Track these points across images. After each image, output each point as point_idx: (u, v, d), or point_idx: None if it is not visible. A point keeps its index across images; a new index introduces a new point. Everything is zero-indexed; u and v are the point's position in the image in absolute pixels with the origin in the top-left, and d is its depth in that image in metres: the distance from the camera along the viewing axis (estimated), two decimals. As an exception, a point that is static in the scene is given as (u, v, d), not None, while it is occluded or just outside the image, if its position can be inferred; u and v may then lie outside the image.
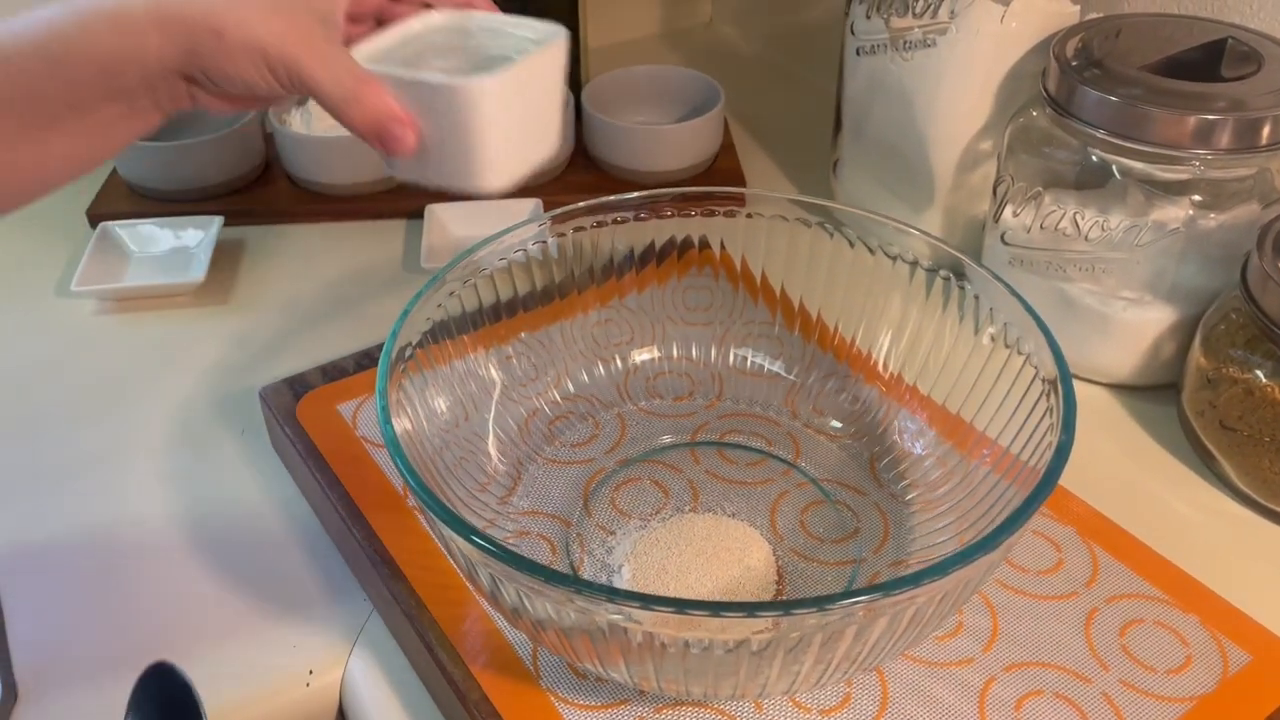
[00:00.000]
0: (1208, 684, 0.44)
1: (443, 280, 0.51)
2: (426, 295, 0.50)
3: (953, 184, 0.70)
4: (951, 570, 0.34)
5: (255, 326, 0.71)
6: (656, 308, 0.62)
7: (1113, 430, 0.62)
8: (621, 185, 0.82)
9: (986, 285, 0.51)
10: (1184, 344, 0.62)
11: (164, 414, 0.64)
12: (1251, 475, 0.56)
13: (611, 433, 0.58)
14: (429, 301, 0.51)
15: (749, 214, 0.58)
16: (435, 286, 0.51)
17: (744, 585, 0.47)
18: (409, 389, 0.49)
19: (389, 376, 0.45)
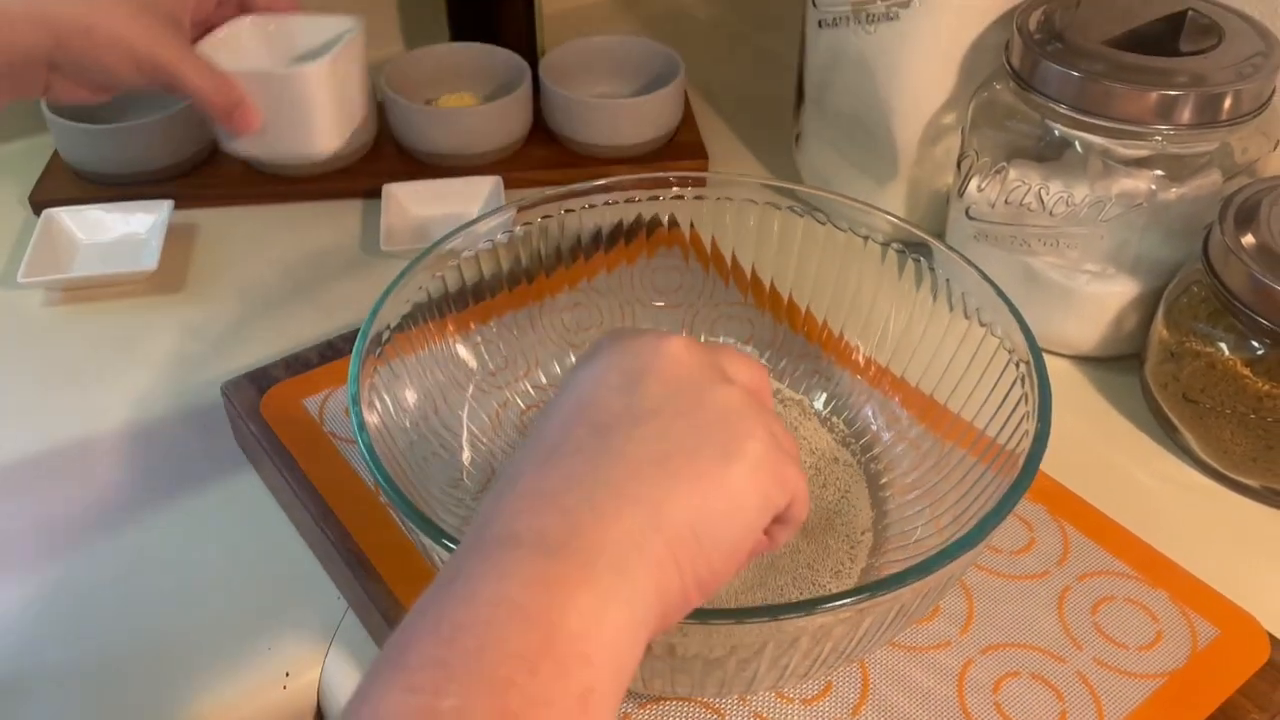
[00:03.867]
0: (1178, 659, 0.45)
1: (409, 275, 0.50)
2: (395, 292, 0.49)
3: (916, 157, 0.70)
4: (935, 569, 0.35)
5: (212, 315, 0.69)
6: (626, 290, 0.61)
7: (1077, 402, 0.63)
8: (581, 159, 0.81)
9: (956, 268, 0.51)
10: (1147, 316, 0.62)
11: (122, 410, 0.62)
12: (1213, 446, 0.57)
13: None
14: (396, 298, 0.50)
15: (718, 198, 0.57)
16: (402, 283, 0.49)
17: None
18: (378, 384, 0.48)
19: (359, 380, 0.44)
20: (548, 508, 0.29)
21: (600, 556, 0.28)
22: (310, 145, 0.55)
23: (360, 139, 0.80)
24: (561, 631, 0.26)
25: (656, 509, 0.29)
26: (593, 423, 0.31)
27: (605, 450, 0.30)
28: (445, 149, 0.79)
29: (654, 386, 0.32)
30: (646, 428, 0.31)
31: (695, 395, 0.32)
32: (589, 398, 0.32)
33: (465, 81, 0.85)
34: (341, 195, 0.79)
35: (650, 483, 0.30)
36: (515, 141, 0.81)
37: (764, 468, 0.31)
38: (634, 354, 0.33)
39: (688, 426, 0.31)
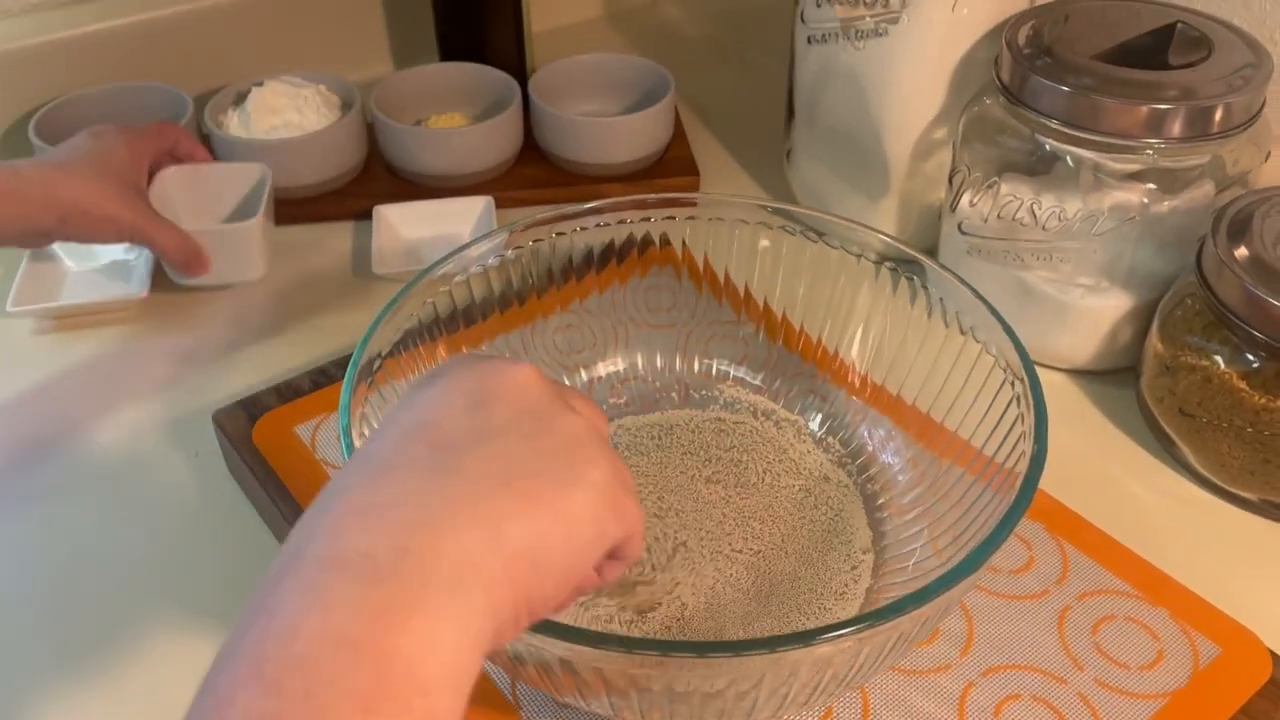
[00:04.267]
0: (1180, 678, 0.45)
1: (400, 304, 0.50)
2: (385, 320, 0.49)
3: (908, 172, 0.70)
4: (933, 597, 0.34)
5: (203, 341, 0.69)
6: (618, 310, 0.61)
7: (1073, 416, 0.63)
8: (572, 177, 0.81)
9: (949, 287, 0.51)
10: (1141, 329, 0.62)
11: (113, 439, 0.62)
12: (1210, 459, 0.57)
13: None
14: (388, 325, 0.49)
15: (710, 218, 0.57)
16: (392, 311, 0.49)
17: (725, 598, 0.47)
18: (369, 413, 0.48)
19: (350, 411, 0.44)
20: (377, 524, 0.27)
21: (433, 576, 0.27)
22: (245, 274, 0.70)
23: (350, 161, 0.80)
24: (395, 662, 0.25)
25: (495, 528, 0.28)
26: (433, 441, 0.30)
27: (444, 467, 0.29)
28: (436, 170, 0.79)
29: (500, 409, 0.31)
30: (490, 447, 0.30)
31: (541, 420, 0.32)
32: (430, 417, 0.31)
33: (455, 101, 0.85)
34: (332, 218, 0.79)
35: (489, 501, 0.29)
36: (506, 161, 0.81)
37: (604, 498, 0.31)
38: (481, 375, 0.32)
39: (532, 449, 0.31)
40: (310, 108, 0.78)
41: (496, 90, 0.83)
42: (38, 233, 0.61)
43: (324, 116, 0.79)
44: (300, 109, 0.78)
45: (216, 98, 0.80)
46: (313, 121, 0.78)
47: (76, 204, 0.60)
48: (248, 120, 0.78)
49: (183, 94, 0.81)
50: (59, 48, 0.82)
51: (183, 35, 0.86)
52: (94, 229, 0.62)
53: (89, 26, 0.83)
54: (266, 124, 0.78)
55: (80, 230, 0.61)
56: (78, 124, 0.79)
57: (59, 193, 0.60)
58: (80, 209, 0.60)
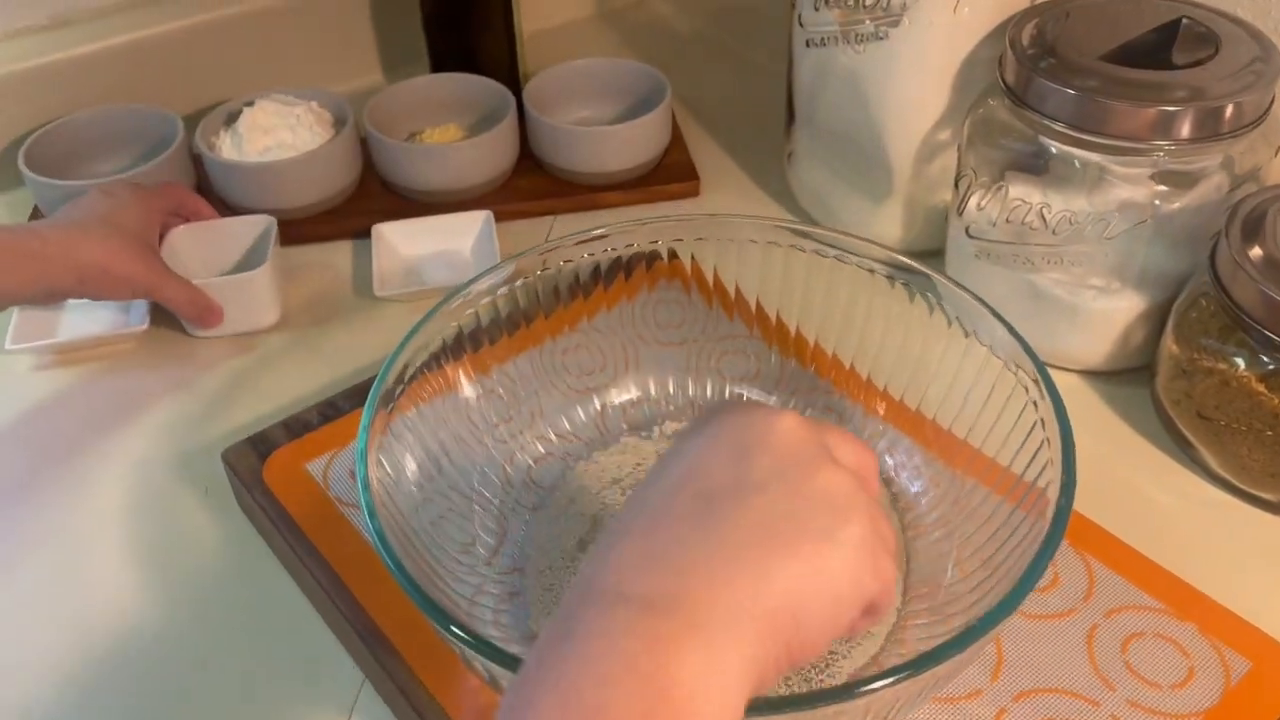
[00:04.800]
0: (1212, 695, 0.44)
1: (409, 343, 0.49)
2: (395, 363, 0.48)
3: (911, 174, 0.69)
4: (971, 642, 0.34)
5: (206, 373, 0.68)
6: (627, 328, 0.60)
7: (1087, 418, 0.62)
8: (570, 187, 0.80)
9: (965, 306, 0.50)
10: (1154, 329, 0.62)
11: (120, 477, 0.61)
12: (1230, 462, 0.56)
13: (596, 476, 0.56)
14: (396, 367, 0.49)
15: (720, 239, 0.56)
16: (401, 353, 0.49)
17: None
18: (384, 443, 0.47)
19: (365, 458, 0.43)
20: (656, 568, 0.30)
21: (710, 619, 0.29)
22: (257, 321, 0.70)
23: (346, 180, 0.79)
24: (675, 690, 0.27)
25: (762, 578, 0.30)
26: (700, 490, 0.32)
27: (713, 516, 0.31)
28: (433, 185, 0.78)
29: (764, 460, 0.33)
30: (755, 499, 0.32)
31: (804, 473, 0.32)
32: (698, 467, 0.33)
33: (449, 113, 0.84)
34: (330, 237, 0.78)
35: (757, 552, 0.30)
36: (503, 173, 0.80)
37: (862, 554, 0.32)
38: (745, 427, 0.34)
39: (794, 504, 0.32)
40: (303, 126, 0.77)
41: (490, 100, 0.82)
42: (58, 293, 0.63)
43: (316, 135, 0.77)
44: (293, 128, 0.77)
45: (207, 119, 0.79)
46: (306, 140, 0.77)
47: (96, 264, 0.62)
48: (240, 142, 0.77)
49: (173, 116, 0.79)
50: (41, 73, 0.81)
51: (168, 54, 0.85)
52: (112, 288, 0.63)
53: (71, 51, 0.81)
54: (259, 145, 0.76)
55: (99, 289, 0.63)
56: (67, 151, 0.78)
57: (79, 254, 0.61)
58: (99, 269, 0.62)
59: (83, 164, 0.79)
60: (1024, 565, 0.40)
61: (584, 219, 0.79)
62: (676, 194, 0.81)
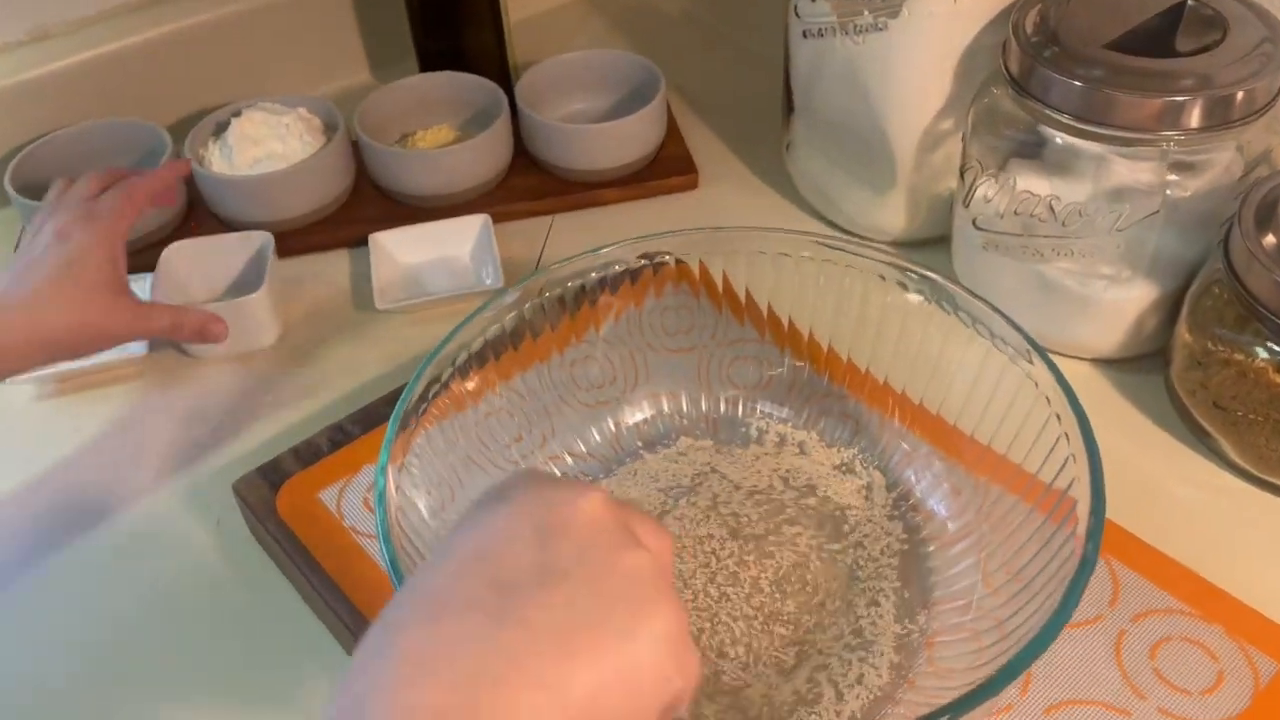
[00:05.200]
0: (1242, 700, 0.45)
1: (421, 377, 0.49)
2: (411, 398, 0.48)
3: (914, 164, 0.68)
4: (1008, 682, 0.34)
5: (210, 394, 0.67)
6: (635, 336, 0.59)
7: (1101, 407, 0.62)
8: (566, 185, 0.79)
9: (980, 312, 0.49)
10: (1167, 316, 0.61)
11: (128, 508, 0.60)
12: (1248, 451, 0.56)
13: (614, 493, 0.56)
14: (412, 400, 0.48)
15: (726, 252, 0.55)
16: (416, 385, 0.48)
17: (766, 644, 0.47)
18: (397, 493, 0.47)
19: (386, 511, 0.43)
20: (442, 678, 0.27)
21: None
22: (258, 341, 0.69)
23: (339, 188, 0.77)
24: None
25: (559, 686, 0.28)
26: (494, 578, 0.30)
27: (506, 614, 0.29)
28: (427, 190, 0.77)
29: (565, 546, 0.31)
30: (553, 593, 0.29)
31: (606, 559, 0.31)
32: (493, 548, 0.31)
33: (440, 113, 0.82)
34: (326, 247, 0.77)
35: (552, 660, 0.28)
36: (498, 174, 0.79)
37: (666, 648, 0.30)
38: (548, 505, 0.31)
39: (595, 595, 0.30)
40: (292, 135, 0.76)
41: (482, 98, 0.81)
42: (29, 370, 0.58)
43: (306, 144, 0.76)
44: (282, 137, 0.76)
45: (195, 131, 0.77)
46: (296, 150, 0.76)
47: (67, 332, 0.57)
48: (230, 154, 0.75)
49: (159, 129, 0.78)
50: (22, 90, 0.79)
51: (151, 63, 0.83)
52: (91, 347, 0.59)
53: (52, 65, 0.80)
54: (249, 156, 0.75)
55: (73, 351, 0.58)
56: (53, 169, 0.76)
57: (45, 328, 0.56)
58: (71, 336, 0.57)
59: (70, 182, 0.77)
60: (1054, 582, 0.40)
61: (582, 217, 0.78)
62: (675, 188, 0.79)
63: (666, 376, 0.59)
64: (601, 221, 0.78)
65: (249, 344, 0.69)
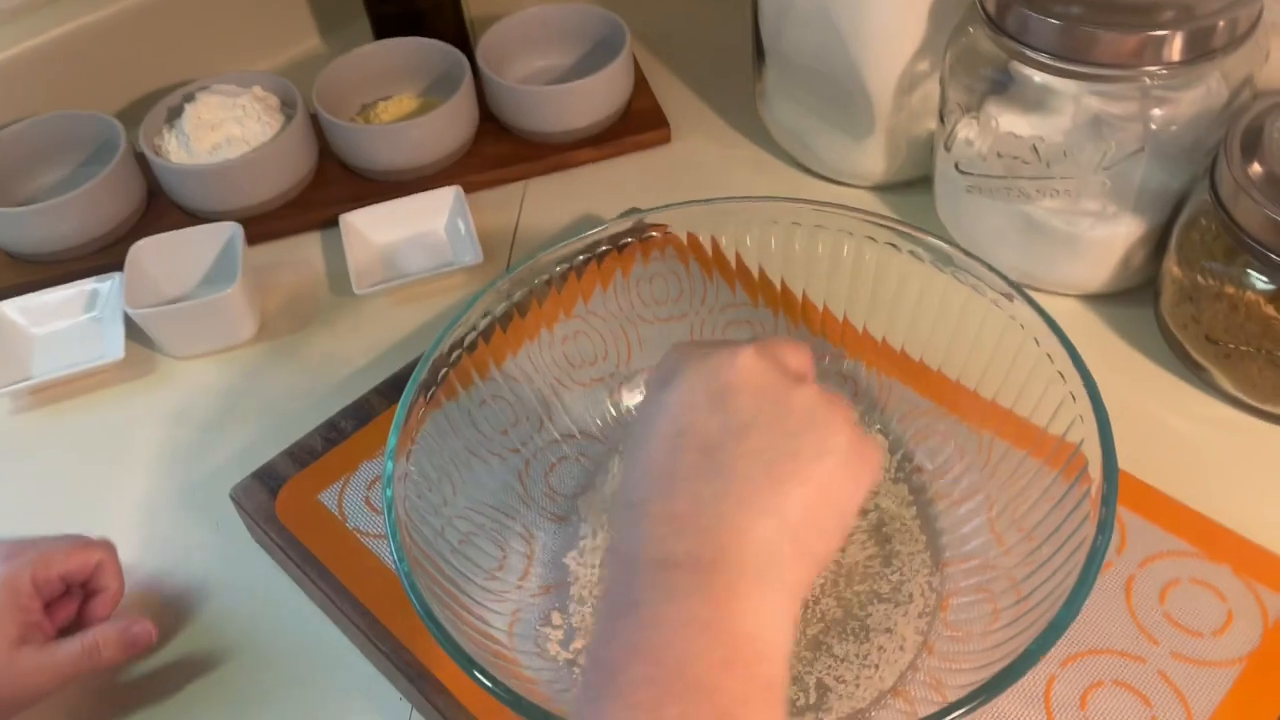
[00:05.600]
0: (1253, 639, 0.45)
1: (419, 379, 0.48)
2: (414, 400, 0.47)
3: (892, 107, 0.67)
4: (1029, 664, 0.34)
5: (194, 393, 0.66)
6: (624, 307, 0.58)
7: (1092, 343, 0.62)
8: (536, 149, 0.77)
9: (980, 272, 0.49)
10: (1155, 249, 0.61)
11: (122, 519, 0.59)
12: (1242, 382, 0.57)
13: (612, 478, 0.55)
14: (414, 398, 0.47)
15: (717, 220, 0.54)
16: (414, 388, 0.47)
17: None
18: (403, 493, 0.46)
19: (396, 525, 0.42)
20: (688, 530, 0.33)
21: (749, 565, 0.33)
22: (238, 336, 0.67)
23: (303, 169, 0.75)
24: (741, 636, 0.32)
25: (779, 514, 0.34)
26: (697, 446, 0.35)
27: (717, 470, 0.34)
28: (395, 165, 0.75)
29: (742, 401, 0.35)
30: (748, 443, 0.35)
31: (779, 402, 0.35)
32: (685, 422, 0.36)
33: (399, 81, 0.80)
34: (295, 230, 0.75)
35: (767, 492, 0.34)
36: (465, 143, 0.77)
37: (851, 454, 0.35)
38: (711, 372, 0.36)
39: (782, 433, 0.35)
40: (250, 117, 0.74)
41: (441, 62, 0.79)
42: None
43: (266, 125, 0.74)
44: (240, 120, 0.73)
45: (149, 119, 0.75)
46: (256, 133, 0.73)
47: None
48: (187, 142, 0.73)
49: (111, 120, 0.75)
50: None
51: (92, 48, 0.79)
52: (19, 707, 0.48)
53: (-8, 58, 0.76)
54: (208, 143, 0.73)
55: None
56: (3, 170, 0.74)
57: None
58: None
59: (21, 182, 0.75)
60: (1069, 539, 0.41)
61: (556, 181, 0.77)
62: (648, 143, 0.78)
63: (660, 347, 0.58)
64: (576, 184, 0.76)
65: (228, 339, 0.67)
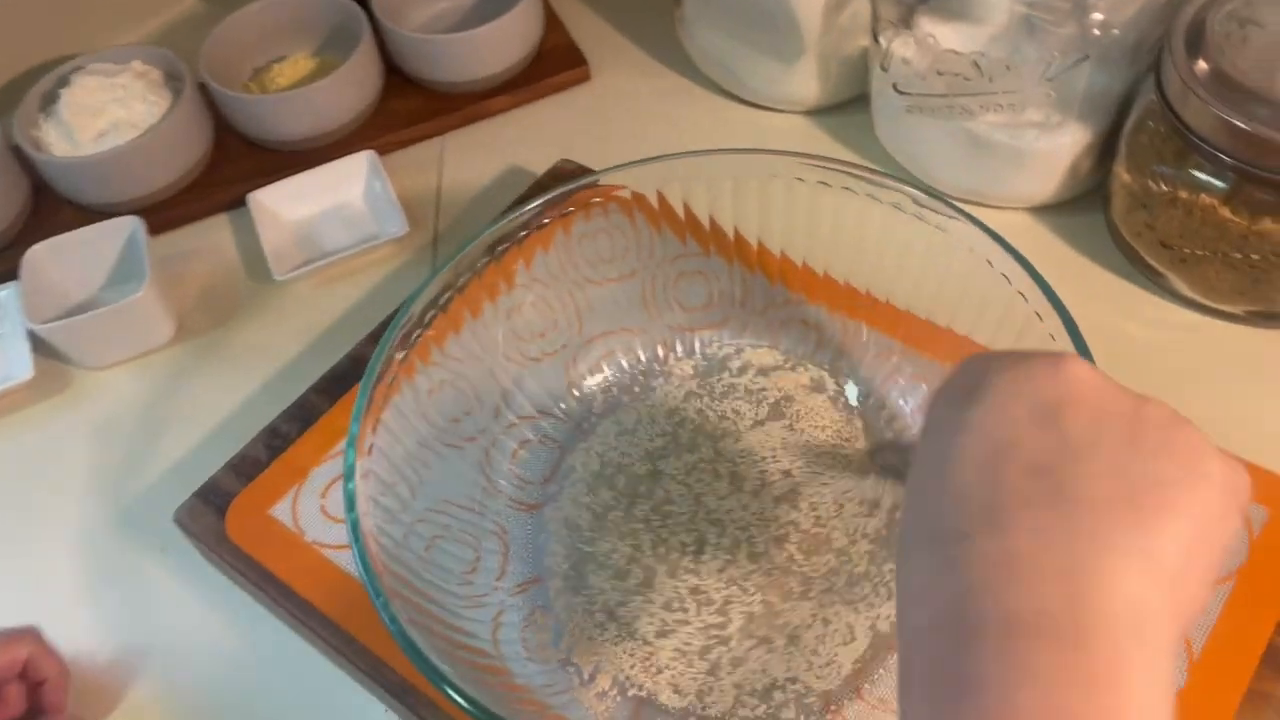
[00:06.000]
0: (1239, 553, 0.45)
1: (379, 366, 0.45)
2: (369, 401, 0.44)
3: (820, 27, 0.64)
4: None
5: (116, 407, 0.61)
6: (570, 269, 0.55)
7: (1045, 256, 0.59)
8: (449, 101, 0.73)
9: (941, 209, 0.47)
10: (1103, 155, 0.60)
11: (54, 553, 0.55)
12: (1199, 284, 0.56)
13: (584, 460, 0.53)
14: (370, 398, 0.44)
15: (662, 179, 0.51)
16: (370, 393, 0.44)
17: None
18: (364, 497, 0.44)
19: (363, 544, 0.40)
20: (1031, 577, 0.26)
21: (1121, 628, 0.25)
22: (156, 339, 0.63)
23: (201, 148, 0.70)
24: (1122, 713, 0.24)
25: (1147, 558, 0.26)
26: (1025, 465, 0.27)
27: (1060, 497, 0.27)
28: (300, 133, 0.70)
29: (1079, 415, 0.28)
30: (1093, 464, 0.27)
31: (1127, 420, 0.28)
32: (1004, 440, 0.28)
33: (292, 40, 0.74)
34: (200, 215, 0.70)
35: (1129, 528, 0.26)
36: (372, 101, 0.72)
37: (1223, 478, 0.28)
38: (1033, 383, 0.29)
39: (1137, 454, 0.27)
40: (134, 97, 0.68)
41: (335, 15, 0.73)
42: None
43: (152, 104, 0.68)
44: (124, 101, 0.67)
45: (21, 110, 0.68)
46: (142, 114, 0.68)
47: None
48: (68, 131, 0.67)
49: (-22, 114, 0.69)
50: None
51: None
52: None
53: None
54: (92, 130, 0.67)
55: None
56: None
57: None
58: None
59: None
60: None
61: (474, 133, 0.73)
62: (567, 83, 0.74)
63: (611, 311, 0.56)
64: (496, 134, 0.72)
65: (145, 344, 0.63)
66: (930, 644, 0.26)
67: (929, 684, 0.26)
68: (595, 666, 0.45)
